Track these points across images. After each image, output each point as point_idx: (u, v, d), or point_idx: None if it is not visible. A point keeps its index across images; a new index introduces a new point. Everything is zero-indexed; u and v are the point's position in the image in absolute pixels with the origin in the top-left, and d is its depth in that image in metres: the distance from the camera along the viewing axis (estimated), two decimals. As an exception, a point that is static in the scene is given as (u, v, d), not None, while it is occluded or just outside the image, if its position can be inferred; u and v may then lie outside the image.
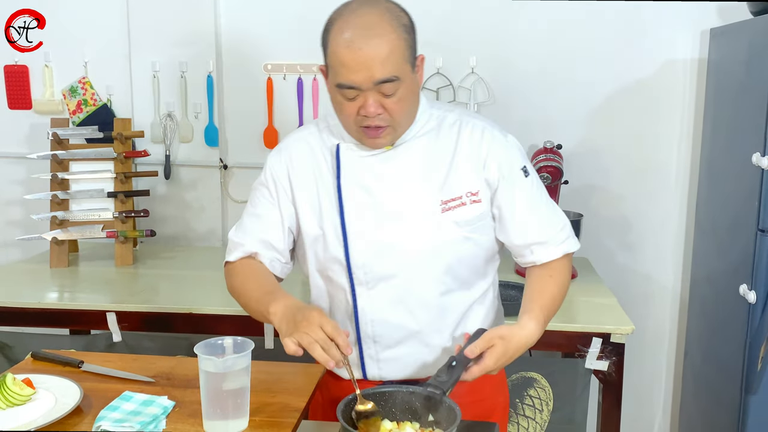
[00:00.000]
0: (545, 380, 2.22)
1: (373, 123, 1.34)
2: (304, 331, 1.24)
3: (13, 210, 3.04)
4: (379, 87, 1.30)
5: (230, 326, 2.15)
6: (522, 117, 2.72)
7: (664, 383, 2.92)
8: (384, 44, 1.28)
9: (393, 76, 1.30)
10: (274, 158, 1.52)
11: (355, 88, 1.30)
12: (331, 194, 1.44)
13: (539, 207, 1.47)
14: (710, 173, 2.59)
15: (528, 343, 1.35)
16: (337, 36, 1.31)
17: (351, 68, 1.29)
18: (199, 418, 1.26)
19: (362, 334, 1.45)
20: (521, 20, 2.73)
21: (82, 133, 2.72)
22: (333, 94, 1.36)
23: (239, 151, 2.94)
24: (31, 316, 2.27)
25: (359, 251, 1.41)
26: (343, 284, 1.44)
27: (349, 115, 1.35)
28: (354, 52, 1.28)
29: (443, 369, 1.29)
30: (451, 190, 1.41)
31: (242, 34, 2.85)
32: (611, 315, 2.16)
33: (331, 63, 1.33)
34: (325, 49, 1.36)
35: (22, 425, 1.23)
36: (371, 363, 1.47)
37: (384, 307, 1.43)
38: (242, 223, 1.54)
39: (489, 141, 1.43)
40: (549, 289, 1.45)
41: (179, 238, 3.01)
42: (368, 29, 1.29)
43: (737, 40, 2.38)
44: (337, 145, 1.46)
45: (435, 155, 1.43)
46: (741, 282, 2.21)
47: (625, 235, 2.83)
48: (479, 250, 1.45)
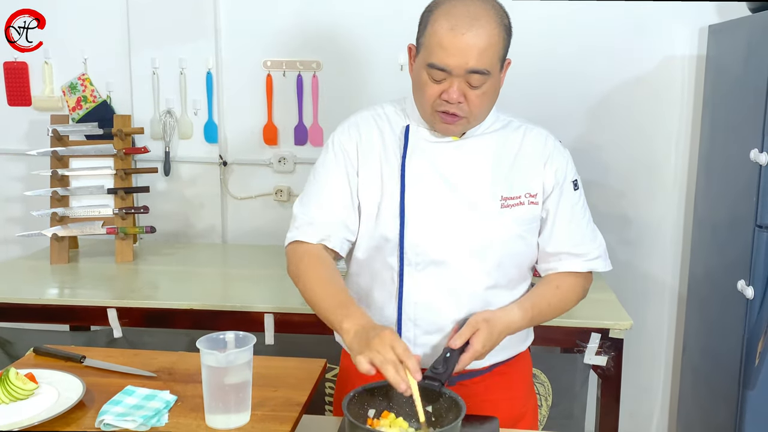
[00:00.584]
0: (544, 375, 2.23)
1: (451, 110, 1.36)
2: (376, 350, 1.21)
3: (13, 206, 3.05)
4: (468, 77, 1.33)
5: (230, 322, 2.16)
6: (522, 113, 2.65)
7: (662, 378, 2.94)
8: (485, 36, 1.32)
9: (485, 69, 1.33)
10: (344, 134, 1.51)
11: (446, 71, 1.33)
12: (395, 173, 1.45)
13: (580, 221, 1.51)
14: (709, 169, 2.60)
15: (511, 327, 1.38)
16: (441, 17, 1.33)
17: (448, 51, 1.31)
18: (201, 412, 1.27)
19: (404, 316, 1.45)
20: (520, 16, 2.70)
21: (82, 129, 2.72)
22: (419, 72, 1.38)
23: (239, 148, 2.94)
24: (32, 313, 2.28)
25: (415, 232, 1.42)
26: (392, 263, 1.45)
27: (430, 96, 1.37)
28: (456, 36, 1.31)
29: (439, 360, 1.30)
30: (512, 189, 1.44)
31: (242, 31, 2.86)
32: (610, 310, 2.17)
33: (427, 42, 1.35)
34: (422, 28, 1.38)
35: (25, 419, 1.24)
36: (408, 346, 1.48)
37: (430, 291, 1.44)
38: (310, 200, 1.49)
39: (552, 148, 1.49)
40: (549, 296, 1.48)
41: (179, 235, 3.02)
42: (474, 18, 1.32)
43: (735, 36, 2.39)
44: (407, 126, 1.47)
45: (500, 153, 1.46)
46: (739, 278, 2.22)
47: (623, 231, 2.84)
48: (529, 250, 1.48)
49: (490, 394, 1.48)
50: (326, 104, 2.84)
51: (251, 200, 2.95)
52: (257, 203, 2.96)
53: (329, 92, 2.84)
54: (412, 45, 1.42)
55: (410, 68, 1.44)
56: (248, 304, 2.21)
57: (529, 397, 1.63)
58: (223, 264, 2.77)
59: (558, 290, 1.48)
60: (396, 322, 1.46)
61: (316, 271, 1.42)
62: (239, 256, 2.82)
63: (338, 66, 2.82)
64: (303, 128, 2.87)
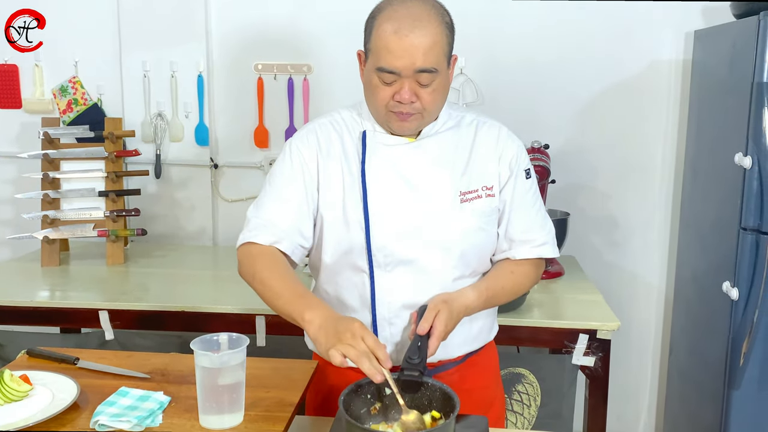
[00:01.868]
0: (533, 376, 2.26)
1: (405, 110, 1.41)
2: (348, 343, 1.22)
3: (4, 209, 3.05)
4: (418, 76, 1.37)
5: (222, 324, 2.17)
6: (510, 117, 2.69)
7: (649, 379, 2.97)
8: (429, 36, 1.36)
9: (433, 67, 1.37)
10: (302, 141, 1.53)
11: (395, 73, 1.37)
12: (356, 177, 1.48)
13: (530, 209, 1.54)
14: (694, 172, 2.63)
15: (468, 308, 1.43)
16: (384, 22, 1.38)
17: (395, 54, 1.36)
18: (194, 413, 1.29)
19: (378, 317, 1.48)
20: (509, 21, 2.76)
21: (73, 132, 2.73)
22: (369, 77, 1.43)
23: (229, 151, 2.95)
24: (23, 315, 2.29)
25: (380, 234, 1.45)
26: (361, 267, 1.48)
27: (383, 99, 1.41)
28: (401, 39, 1.35)
29: (413, 350, 1.31)
30: (470, 183, 1.49)
31: (233, 34, 2.87)
32: (597, 311, 2.20)
33: (374, 47, 1.40)
34: (368, 34, 1.42)
35: (20, 420, 1.25)
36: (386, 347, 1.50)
37: (402, 289, 1.47)
38: (264, 205, 1.51)
39: (504, 139, 1.53)
40: (503, 280, 1.52)
41: (170, 237, 3.03)
42: (416, 20, 1.36)
43: (721, 41, 2.43)
44: (363, 132, 1.50)
45: (455, 150, 1.50)
46: (724, 279, 2.25)
47: (611, 233, 2.87)
48: (489, 240, 1.53)
49: (465, 383, 1.52)
50: (317, 107, 2.86)
51: (242, 203, 2.96)
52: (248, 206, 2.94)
53: (320, 95, 2.86)
54: (361, 51, 1.46)
55: (361, 73, 1.47)
56: (239, 307, 2.22)
57: (497, 385, 1.70)
58: (214, 266, 2.78)
59: (512, 275, 1.53)
60: (371, 323, 1.49)
61: (271, 269, 1.43)
62: (230, 258, 2.81)
63: (329, 69, 2.84)
64: (294, 131, 2.85)
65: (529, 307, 2.22)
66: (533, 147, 2.57)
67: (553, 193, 2.71)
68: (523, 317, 2.14)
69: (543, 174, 2.54)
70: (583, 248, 2.83)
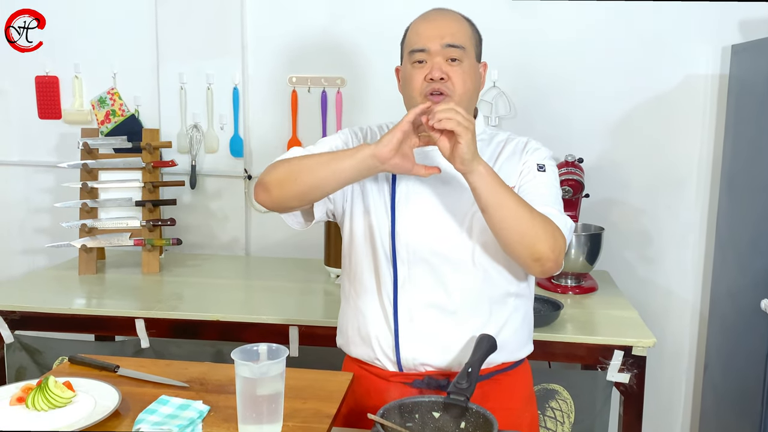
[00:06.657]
0: (567, 392, 2.23)
1: (436, 87, 1.48)
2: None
3: (42, 217, 3.11)
4: (446, 51, 1.48)
5: (255, 334, 2.19)
6: (543, 131, 2.75)
7: (683, 396, 2.93)
8: (455, 22, 1.52)
9: (460, 43, 1.49)
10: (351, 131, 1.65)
11: (425, 51, 1.49)
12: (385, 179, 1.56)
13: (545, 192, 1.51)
14: (731, 188, 2.60)
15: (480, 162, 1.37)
16: (415, 21, 1.55)
17: (424, 34, 1.50)
18: (233, 423, 1.30)
19: (399, 313, 1.51)
20: (543, 35, 2.76)
21: (111, 143, 2.78)
22: (404, 70, 1.55)
23: (263, 162, 2.97)
24: (60, 322, 2.32)
25: (405, 231, 1.50)
26: (385, 261, 1.52)
27: (417, 81, 1.50)
28: (429, 22, 1.52)
29: (462, 375, 1.33)
30: None
31: (268, 48, 2.91)
32: (632, 328, 2.17)
33: (406, 42, 1.55)
34: (402, 41, 1.58)
35: (64, 426, 1.27)
36: (406, 345, 1.51)
37: (424, 285, 1.50)
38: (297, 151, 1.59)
39: (531, 147, 1.58)
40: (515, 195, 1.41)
41: (204, 247, 3.06)
42: (443, 13, 1.55)
43: (759, 57, 2.41)
44: None
45: (483, 156, 1.49)
46: (762, 296, 2.22)
47: (645, 249, 2.85)
48: None
49: (486, 402, 1.49)
50: (349, 120, 2.88)
51: (275, 214, 2.96)
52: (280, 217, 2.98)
53: (353, 108, 2.88)
54: (399, 67, 1.60)
55: (399, 87, 1.59)
56: (273, 317, 2.23)
57: (526, 410, 1.64)
58: (247, 276, 2.81)
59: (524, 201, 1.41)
60: (393, 320, 1.51)
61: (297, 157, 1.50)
62: (262, 268, 2.85)
63: (362, 82, 2.86)
64: (327, 143, 2.90)
65: (563, 322, 2.21)
66: (567, 161, 2.57)
67: (586, 208, 2.70)
68: (557, 332, 2.13)
69: (577, 188, 2.53)
70: (616, 263, 2.80)
